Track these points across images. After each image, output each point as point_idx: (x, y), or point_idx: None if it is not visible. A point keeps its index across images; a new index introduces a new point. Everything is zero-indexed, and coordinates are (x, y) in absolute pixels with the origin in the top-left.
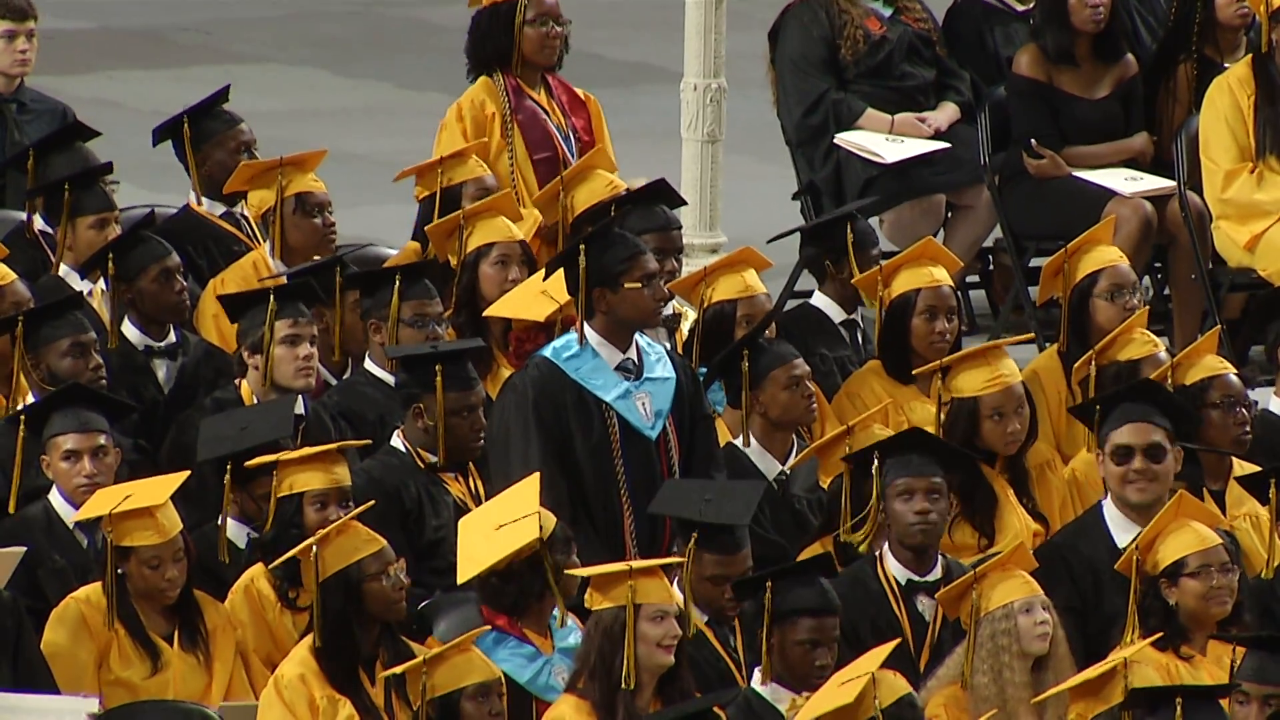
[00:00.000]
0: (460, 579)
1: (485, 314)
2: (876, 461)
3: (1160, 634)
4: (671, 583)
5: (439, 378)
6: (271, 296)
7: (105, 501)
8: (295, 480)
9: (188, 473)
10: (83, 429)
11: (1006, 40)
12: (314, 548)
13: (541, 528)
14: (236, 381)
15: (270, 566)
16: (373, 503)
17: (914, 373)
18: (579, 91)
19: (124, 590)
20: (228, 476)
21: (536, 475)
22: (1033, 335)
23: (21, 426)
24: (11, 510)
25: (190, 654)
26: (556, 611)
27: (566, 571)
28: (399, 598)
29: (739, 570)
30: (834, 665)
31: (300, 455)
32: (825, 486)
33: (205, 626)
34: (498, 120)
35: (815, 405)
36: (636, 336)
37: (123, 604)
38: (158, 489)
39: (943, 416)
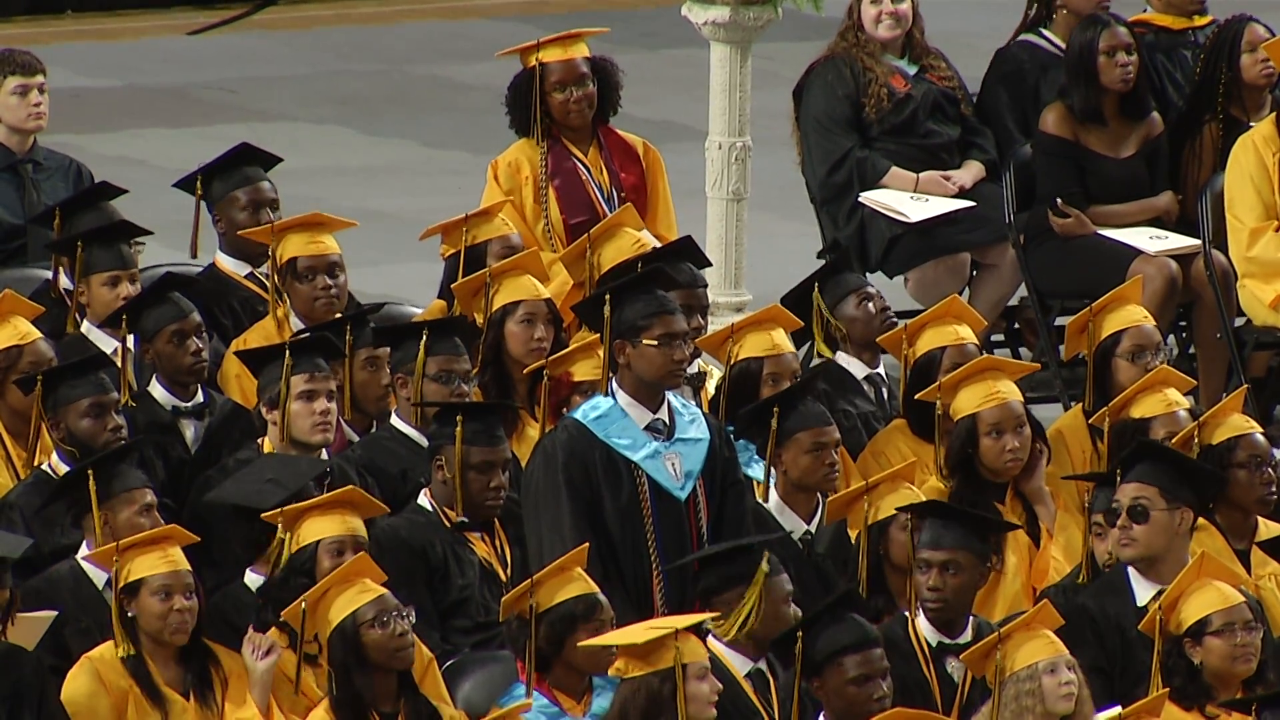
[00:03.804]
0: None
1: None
2: (911, 524)
3: (1176, 688)
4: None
5: (459, 429)
6: (287, 352)
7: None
8: (310, 528)
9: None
10: (143, 485)
11: (1050, 87)
12: (303, 604)
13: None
14: (259, 441)
15: (276, 621)
16: (363, 555)
17: (916, 397)
18: (637, 143)
19: (136, 640)
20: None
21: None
22: (1048, 369)
23: (62, 489)
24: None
25: (204, 706)
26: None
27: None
28: (401, 644)
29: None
30: (890, 694)
31: (313, 503)
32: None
33: (220, 675)
34: (531, 184)
35: (836, 474)
36: (670, 396)
37: (135, 656)
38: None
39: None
